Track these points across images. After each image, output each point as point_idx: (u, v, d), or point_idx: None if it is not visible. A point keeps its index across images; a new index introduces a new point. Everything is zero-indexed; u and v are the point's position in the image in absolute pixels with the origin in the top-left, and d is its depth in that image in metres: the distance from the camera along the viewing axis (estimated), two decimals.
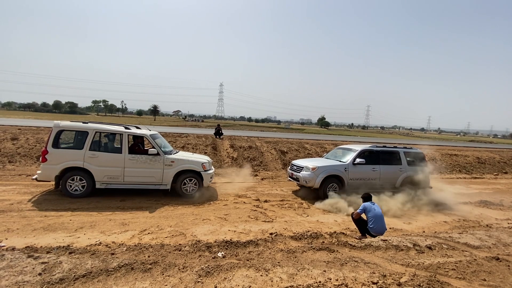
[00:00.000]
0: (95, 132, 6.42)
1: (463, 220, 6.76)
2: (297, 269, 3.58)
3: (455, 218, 6.89)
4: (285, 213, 6.26)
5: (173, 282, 3.15)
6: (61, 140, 6.35)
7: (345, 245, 4.58)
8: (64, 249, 3.78)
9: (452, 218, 6.87)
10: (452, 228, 6.11)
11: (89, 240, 4.20)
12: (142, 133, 6.89)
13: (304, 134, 35.15)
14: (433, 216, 6.96)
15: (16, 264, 3.25)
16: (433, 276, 3.60)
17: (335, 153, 9.03)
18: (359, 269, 3.68)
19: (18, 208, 5.37)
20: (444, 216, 6.98)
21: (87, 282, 3.04)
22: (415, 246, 4.65)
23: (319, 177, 7.34)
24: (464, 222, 6.59)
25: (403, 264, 4.00)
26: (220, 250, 4.08)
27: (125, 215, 5.43)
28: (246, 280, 3.24)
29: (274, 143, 15.23)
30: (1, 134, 11.12)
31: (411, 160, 8.46)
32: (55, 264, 3.31)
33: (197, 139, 14.27)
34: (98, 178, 6.30)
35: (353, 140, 25.39)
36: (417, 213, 7.04)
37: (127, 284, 3.06)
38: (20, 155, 9.96)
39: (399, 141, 28.89)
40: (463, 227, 6.18)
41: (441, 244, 4.86)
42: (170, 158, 6.77)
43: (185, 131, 21.07)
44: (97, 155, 6.31)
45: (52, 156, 6.10)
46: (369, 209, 5.20)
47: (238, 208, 6.38)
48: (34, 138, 11.30)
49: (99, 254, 3.69)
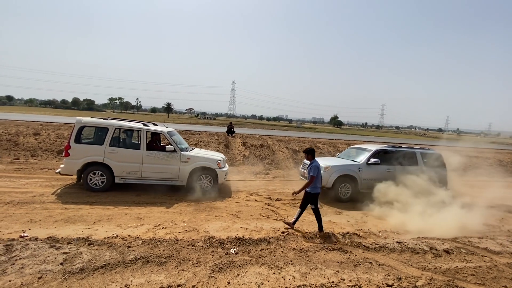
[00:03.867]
0: (115, 129, 6.60)
1: (482, 224, 6.49)
2: (309, 268, 3.57)
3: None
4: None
5: (187, 276, 3.21)
6: (83, 136, 6.57)
7: (359, 246, 4.52)
8: (84, 241, 3.92)
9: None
10: (470, 232, 5.89)
11: (106, 232, 4.34)
12: (160, 130, 7.02)
13: (316, 133, 34.82)
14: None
15: (39, 254, 3.42)
16: (451, 281, 3.50)
17: (348, 152, 8.89)
18: (373, 271, 3.63)
19: (40, 200, 5.62)
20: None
21: (106, 273, 3.15)
22: (432, 250, 4.53)
23: (331, 177, 7.23)
24: (484, 226, 6.33)
25: (419, 268, 3.91)
26: (232, 246, 4.12)
27: (141, 209, 5.57)
28: (258, 277, 3.26)
29: (286, 142, 15.17)
30: (24, 129, 11.65)
31: (428, 161, 8.21)
32: (75, 255, 3.45)
33: (210, 137, 14.42)
34: (117, 173, 6.49)
35: (367, 140, 24.91)
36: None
37: (143, 276, 3.15)
38: (41, 149, 10.40)
39: (415, 141, 28.08)
40: (483, 232, 5.94)
41: (460, 248, 4.71)
42: (186, 155, 6.87)
43: (198, 128, 21.33)
44: (116, 151, 6.49)
45: (75, 151, 6.32)
46: (319, 168, 4.96)
47: (250, 206, 6.40)
48: (54, 133, 11.77)
49: (116, 247, 3.81)
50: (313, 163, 4.94)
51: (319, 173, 4.93)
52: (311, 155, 5.06)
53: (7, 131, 11.08)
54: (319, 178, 4.95)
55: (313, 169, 4.85)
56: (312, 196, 4.94)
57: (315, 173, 4.83)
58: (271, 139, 15.51)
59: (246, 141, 14.35)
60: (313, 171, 4.83)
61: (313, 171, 4.83)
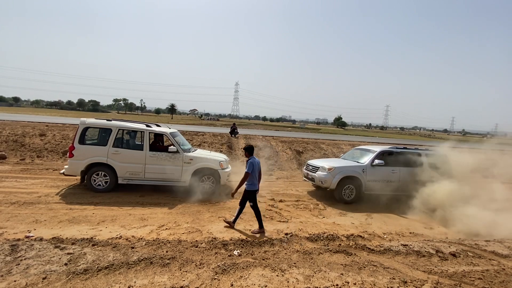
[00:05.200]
0: (118, 130, 6.64)
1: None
2: (313, 270, 3.54)
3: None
4: (300, 214, 6.20)
5: (190, 277, 3.20)
6: (87, 137, 6.62)
7: (363, 249, 4.47)
8: (88, 241, 3.95)
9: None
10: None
11: (110, 233, 4.35)
12: (162, 131, 7.06)
13: (320, 134, 34.68)
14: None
15: (44, 254, 3.44)
16: (458, 284, 3.44)
17: (352, 153, 8.83)
18: (378, 274, 3.58)
19: (45, 200, 5.67)
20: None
21: (109, 274, 3.16)
22: (438, 253, 4.46)
23: (335, 178, 7.19)
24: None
25: (425, 271, 3.85)
26: (236, 248, 4.11)
27: (144, 210, 5.59)
28: (262, 280, 3.24)
29: (289, 143, 15.13)
30: (30, 130, 11.79)
31: (434, 162, 8.11)
32: (79, 255, 3.47)
33: (213, 138, 14.44)
34: (120, 174, 6.53)
35: (371, 140, 24.74)
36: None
37: (147, 277, 3.15)
38: (47, 150, 10.51)
39: (420, 142, 27.82)
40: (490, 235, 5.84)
41: (466, 251, 4.63)
42: (189, 156, 6.88)
43: (202, 129, 21.39)
44: (120, 152, 6.53)
45: (79, 152, 6.38)
46: (256, 165, 4.88)
47: None
48: (60, 134, 11.89)
49: (120, 247, 3.82)
50: (249, 160, 4.88)
51: (255, 170, 4.84)
52: (248, 152, 5.00)
53: (14, 132, 11.23)
54: (255, 175, 4.86)
55: (248, 166, 4.80)
56: (249, 193, 4.88)
57: (250, 170, 4.77)
58: (275, 140, 15.48)
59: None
60: (248, 168, 4.78)
61: (248, 168, 4.78)
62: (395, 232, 5.54)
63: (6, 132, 11.16)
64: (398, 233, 5.49)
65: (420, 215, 6.71)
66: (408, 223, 6.20)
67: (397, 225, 5.96)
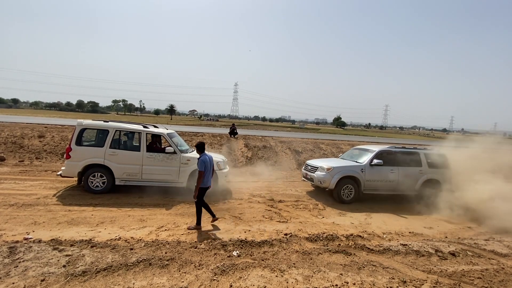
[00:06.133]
0: (115, 131, 6.63)
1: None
2: (313, 271, 3.53)
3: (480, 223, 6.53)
4: (300, 214, 6.19)
5: (189, 279, 3.19)
6: (84, 138, 6.61)
7: (363, 249, 4.47)
8: (86, 243, 3.93)
9: (477, 223, 6.52)
10: (477, 234, 5.80)
11: (109, 234, 4.34)
12: (160, 132, 7.04)
13: (319, 134, 34.69)
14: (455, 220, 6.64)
15: (43, 256, 3.43)
16: (457, 284, 3.44)
17: (351, 153, 8.82)
18: (378, 274, 3.58)
19: (44, 202, 5.65)
20: (468, 222, 6.63)
21: (108, 276, 3.15)
22: (437, 252, 4.46)
23: (334, 178, 7.18)
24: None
25: (425, 271, 3.85)
26: (235, 249, 4.10)
27: (143, 211, 5.58)
28: (261, 280, 3.24)
29: (288, 143, 15.13)
30: (29, 131, 11.76)
31: (433, 162, 8.11)
32: (78, 257, 3.46)
33: (212, 138, 14.43)
34: (117, 175, 6.51)
35: (370, 140, 24.76)
36: (439, 217, 6.74)
37: (146, 279, 3.14)
38: (46, 151, 10.49)
39: (419, 142, 27.85)
40: (489, 234, 5.85)
41: (466, 251, 4.63)
42: (186, 157, 6.87)
43: (201, 130, 21.38)
44: (117, 153, 6.52)
45: (75, 153, 6.36)
46: (208, 162, 4.82)
47: (253, 207, 6.38)
48: (59, 136, 11.87)
49: (119, 249, 3.81)
50: (200, 158, 4.82)
51: (207, 167, 4.80)
52: (199, 150, 4.94)
53: (13, 134, 11.20)
54: (207, 172, 4.82)
55: (200, 164, 4.75)
56: (200, 190, 4.83)
57: (202, 168, 4.73)
58: (274, 140, 15.48)
59: (248, 142, 14.34)
60: (200, 166, 4.73)
61: (200, 166, 4.73)
62: (395, 231, 5.54)
63: (5, 134, 11.13)
64: (397, 232, 5.49)
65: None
66: (407, 222, 6.20)
67: (397, 225, 5.96)
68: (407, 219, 6.48)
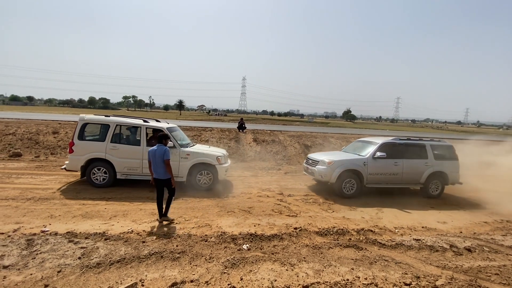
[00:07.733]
0: (116, 125, 6.72)
1: (506, 221, 6.19)
2: (323, 265, 3.50)
3: (497, 218, 6.33)
4: (309, 208, 6.15)
5: (200, 271, 3.23)
6: (86, 133, 6.72)
7: (374, 243, 4.40)
8: (100, 236, 4.03)
9: (494, 218, 6.32)
10: (493, 229, 5.62)
11: (122, 228, 4.43)
12: (160, 126, 7.00)
13: (328, 128, 34.26)
14: (470, 215, 6.45)
15: (59, 248, 3.53)
16: (474, 280, 3.34)
17: (354, 146, 8.54)
18: (390, 269, 3.52)
19: (59, 196, 5.82)
20: (484, 216, 6.44)
21: (121, 268, 3.21)
22: (452, 248, 4.35)
23: (335, 172, 7.00)
24: (508, 224, 6.03)
25: (439, 266, 3.76)
26: (245, 242, 4.12)
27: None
28: (271, 274, 3.23)
29: (297, 137, 15.01)
30: (44, 128, 12.10)
31: (439, 153, 7.82)
32: (92, 249, 3.55)
33: (221, 133, 14.46)
34: (118, 169, 6.62)
35: (380, 133, 24.27)
36: (452, 212, 6.57)
37: (158, 271, 3.19)
38: (60, 147, 10.78)
39: (431, 135, 27.12)
40: (507, 229, 5.66)
41: (482, 246, 4.50)
42: (186, 151, 6.87)
43: (210, 125, 21.46)
44: (117, 147, 6.61)
45: (78, 148, 6.50)
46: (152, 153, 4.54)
47: (262, 201, 6.38)
48: (72, 131, 12.14)
49: (131, 242, 3.88)
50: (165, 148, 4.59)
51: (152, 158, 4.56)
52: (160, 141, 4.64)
53: (28, 130, 11.55)
54: (154, 163, 4.57)
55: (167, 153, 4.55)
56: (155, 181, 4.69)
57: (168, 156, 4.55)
58: (283, 135, 15.39)
59: (257, 137, 14.30)
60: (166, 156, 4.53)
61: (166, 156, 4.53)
62: (407, 226, 5.43)
63: (21, 130, 11.49)
64: (410, 227, 5.38)
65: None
66: (420, 217, 6.06)
67: (409, 219, 5.84)
68: (419, 213, 6.34)
